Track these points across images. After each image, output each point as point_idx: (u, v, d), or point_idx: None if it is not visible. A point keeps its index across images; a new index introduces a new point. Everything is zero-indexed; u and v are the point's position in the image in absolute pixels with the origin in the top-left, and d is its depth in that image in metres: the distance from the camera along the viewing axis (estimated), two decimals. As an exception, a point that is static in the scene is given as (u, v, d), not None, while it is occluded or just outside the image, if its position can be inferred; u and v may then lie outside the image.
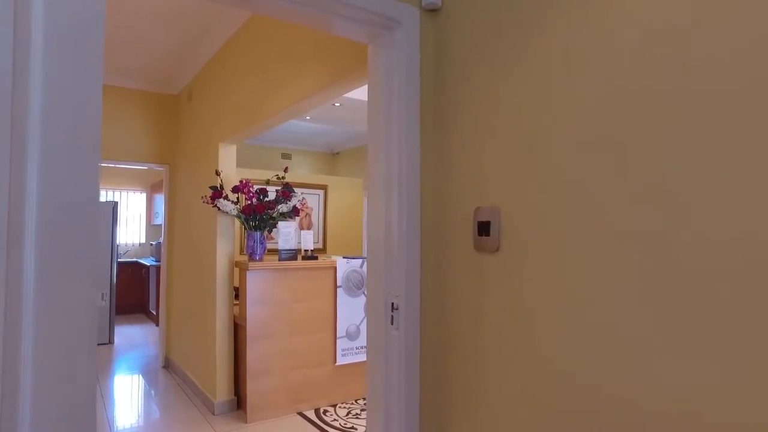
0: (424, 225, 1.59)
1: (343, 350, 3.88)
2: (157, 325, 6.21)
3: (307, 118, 5.01)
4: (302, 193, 4.71)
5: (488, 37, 1.42)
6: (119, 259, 7.95)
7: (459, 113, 1.51)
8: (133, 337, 6.46)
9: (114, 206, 6.16)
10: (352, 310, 3.91)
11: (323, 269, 3.82)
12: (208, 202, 3.52)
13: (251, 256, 3.60)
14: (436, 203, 1.58)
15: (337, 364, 3.86)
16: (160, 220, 7.90)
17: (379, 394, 1.58)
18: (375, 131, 1.67)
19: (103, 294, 6.02)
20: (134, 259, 8.13)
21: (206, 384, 3.90)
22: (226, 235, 3.73)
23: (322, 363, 3.81)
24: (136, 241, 8.56)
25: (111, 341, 6.08)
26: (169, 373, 4.85)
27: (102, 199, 8.13)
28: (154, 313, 7.04)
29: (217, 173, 3.57)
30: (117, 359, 5.41)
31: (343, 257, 4.00)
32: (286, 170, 3.76)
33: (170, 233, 5.08)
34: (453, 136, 1.53)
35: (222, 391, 3.70)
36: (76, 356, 0.98)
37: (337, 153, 8.51)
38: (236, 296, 3.97)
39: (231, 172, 3.77)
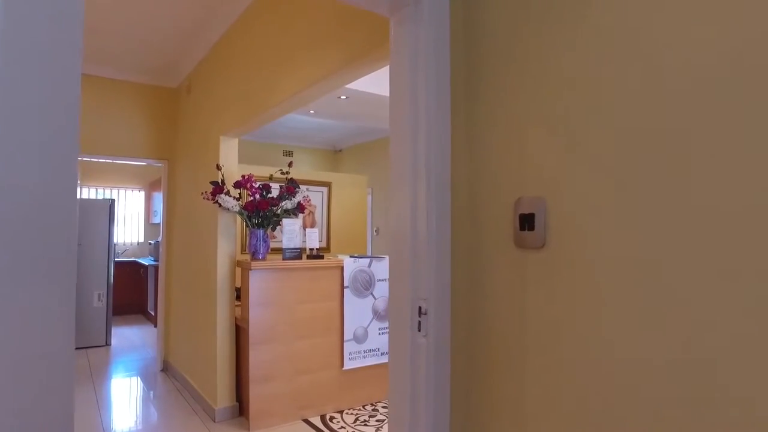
0: (456, 219, 1.41)
1: (350, 354, 3.70)
2: (156, 326, 6.03)
3: (311, 111, 4.83)
4: (307, 190, 4.52)
5: (532, 2, 1.24)
6: (117, 259, 7.77)
7: (496, 90, 1.33)
8: (132, 338, 6.28)
9: (111, 204, 5.98)
10: (359, 312, 3.74)
11: (329, 269, 3.64)
12: (208, 198, 3.34)
13: (254, 255, 3.42)
14: (469, 194, 1.40)
15: (344, 368, 3.69)
16: (158, 218, 7.71)
17: (403, 409, 1.40)
18: (398, 116, 1.48)
19: (99, 295, 5.84)
20: (132, 259, 7.95)
21: (207, 389, 3.72)
22: (228, 233, 3.55)
23: (328, 367, 3.63)
24: (135, 241, 8.37)
25: (108, 343, 5.89)
26: (168, 377, 4.67)
27: (98, 197, 7.95)
28: (153, 314, 6.86)
29: (218, 168, 3.39)
30: (114, 362, 5.23)
31: (350, 256, 3.82)
32: (290, 165, 3.58)
33: (169, 231, 4.89)
34: (489, 118, 1.35)
35: (223, 397, 3.52)
36: (45, 366, 0.80)
37: (340, 150, 8.33)
38: (238, 297, 3.79)
39: (233, 167, 3.59)
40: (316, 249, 3.68)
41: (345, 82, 2.34)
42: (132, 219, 8.38)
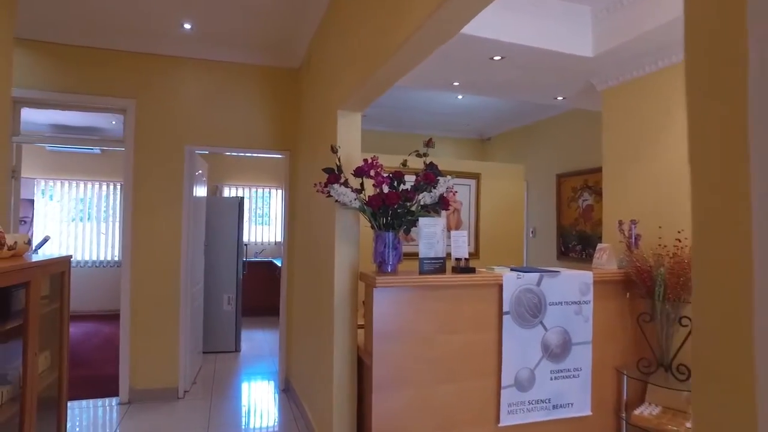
0: None
1: (510, 405, 2.66)
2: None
3: (455, 84, 3.86)
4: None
5: None
6: (254, 259, 7.58)
7: None
8: (262, 344, 5.88)
9: (239, 202, 5.61)
10: (524, 348, 2.67)
11: (483, 287, 2.63)
12: (320, 191, 2.54)
13: (380, 267, 2.54)
14: None
15: (500, 424, 2.65)
16: (294, 217, 7.36)
17: None
18: None
19: (229, 298, 5.50)
20: (269, 259, 7.70)
21: (324, 432, 2.94)
22: (348, 235, 2.73)
23: (479, 422, 2.63)
24: (272, 240, 8.16)
25: (237, 349, 5.54)
26: (288, 400, 4.03)
27: (232, 194, 7.84)
28: (286, 318, 6.45)
29: (334, 150, 2.57)
30: (238, 373, 4.79)
31: (511, 269, 2.77)
32: (429, 144, 2.63)
33: (291, 232, 4.28)
34: None
35: (342, 450, 2.70)
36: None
37: (488, 138, 7.23)
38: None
39: (353, 151, 2.76)
40: (465, 259, 2.69)
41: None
42: (273, 218, 8.19)
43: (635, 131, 3.23)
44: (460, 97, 5.38)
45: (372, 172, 2.48)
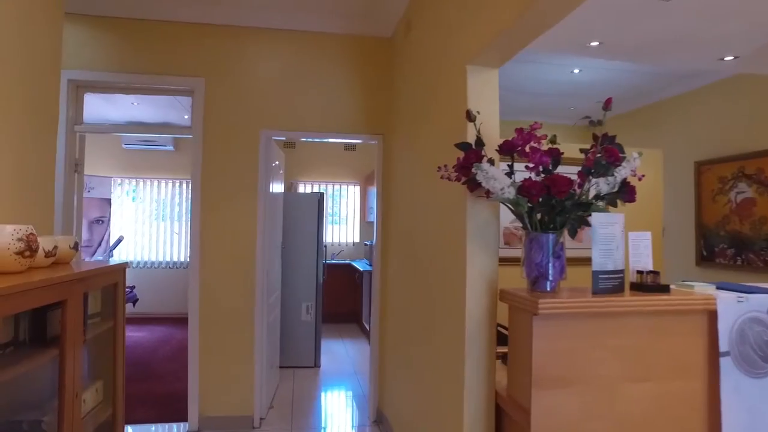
0: None
1: (726, 487, 1.80)
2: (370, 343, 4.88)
3: (594, 44, 3.02)
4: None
5: None
6: (331, 261, 7.01)
7: None
8: (343, 359, 5.24)
9: (320, 198, 4.99)
10: (753, 407, 1.80)
11: (683, 314, 1.80)
12: (447, 177, 1.80)
13: (536, 284, 1.77)
14: None
15: None
16: (374, 216, 6.71)
17: None
18: None
19: (308, 307, 4.90)
20: (347, 261, 7.09)
21: (444, 500, 2.21)
22: (486, 238, 1.98)
23: None
24: (350, 241, 7.55)
25: (317, 364, 4.93)
26: (383, 436, 3.35)
27: (307, 190, 7.31)
28: (368, 327, 5.79)
29: (470, 117, 1.83)
30: (319, 395, 4.16)
31: (718, 286, 1.92)
32: (607, 105, 1.83)
33: (385, 233, 3.58)
34: None
35: None
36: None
37: (598, 122, 6.24)
38: (499, 339, 2.17)
39: (490, 120, 2.01)
40: (652, 272, 1.86)
41: None
42: (349, 217, 7.58)
43: None
44: (576, 71, 4.48)
45: (527, 148, 1.71)
